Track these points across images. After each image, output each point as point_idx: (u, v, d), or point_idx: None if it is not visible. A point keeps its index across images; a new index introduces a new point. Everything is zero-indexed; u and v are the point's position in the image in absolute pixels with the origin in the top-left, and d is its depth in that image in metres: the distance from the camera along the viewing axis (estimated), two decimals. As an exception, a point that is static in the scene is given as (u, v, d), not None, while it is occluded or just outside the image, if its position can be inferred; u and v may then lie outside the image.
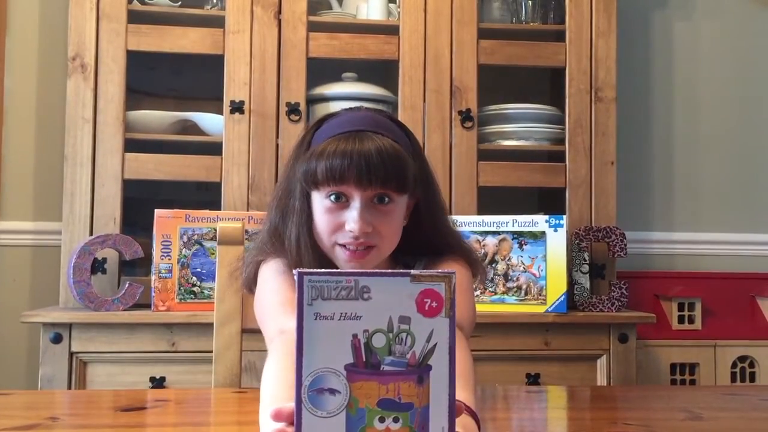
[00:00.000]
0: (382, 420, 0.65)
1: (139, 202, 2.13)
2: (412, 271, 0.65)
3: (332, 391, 0.64)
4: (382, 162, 1.04)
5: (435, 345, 0.65)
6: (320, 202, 1.09)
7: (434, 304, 0.65)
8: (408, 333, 0.65)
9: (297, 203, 1.11)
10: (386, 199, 1.07)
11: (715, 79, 2.63)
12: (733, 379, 2.35)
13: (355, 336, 0.65)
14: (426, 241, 1.16)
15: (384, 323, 0.65)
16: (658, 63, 2.61)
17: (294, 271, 0.65)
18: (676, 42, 2.62)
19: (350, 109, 1.18)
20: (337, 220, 1.07)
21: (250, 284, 1.21)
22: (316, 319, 0.64)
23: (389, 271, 0.66)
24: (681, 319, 2.37)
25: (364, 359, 0.65)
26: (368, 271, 0.66)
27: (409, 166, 1.09)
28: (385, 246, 1.10)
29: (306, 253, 1.10)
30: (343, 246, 1.08)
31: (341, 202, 1.07)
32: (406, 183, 1.08)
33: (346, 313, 0.64)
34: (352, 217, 1.06)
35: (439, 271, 0.66)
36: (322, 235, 1.10)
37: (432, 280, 0.65)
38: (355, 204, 1.06)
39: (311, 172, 1.07)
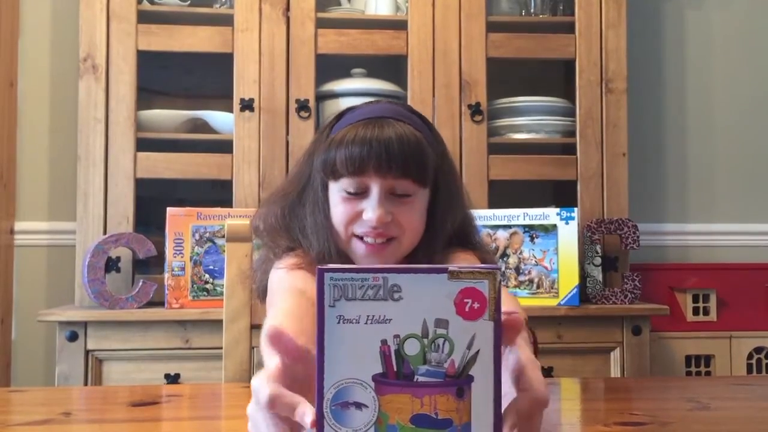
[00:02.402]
0: None
1: (153, 201, 2.15)
2: (450, 267, 0.57)
3: (358, 406, 0.57)
4: (402, 150, 1.00)
5: (477, 352, 0.56)
6: (338, 192, 1.04)
7: (476, 305, 0.56)
8: (446, 338, 0.57)
9: (315, 194, 1.08)
10: (406, 195, 1.03)
11: (727, 68, 2.61)
12: (749, 370, 2.33)
13: (384, 342, 0.57)
14: (443, 236, 1.09)
15: (418, 327, 0.57)
16: (670, 53, 2.59)
17: (317, 268, 0.58)
18: (688, 32, 2.60)
19: (370, 102, 1.14)
20: (355, 209, 1.03)
21: (263, 293, 1.14)
22: (339, 322, 0.57)
23: (423, 266, 0.58)
24: (696, 311, 2.35)
25: (395, 369, 0.57)
26: (399, 266, 0.58)
27: (429, 156, 1.04)
28: (405, 239, 1.04)
29: (323, 244, 1.05)
30: (361, 239, 1.04)
31: (360, 193, 1.03)
32: (426, 173, 1.04)
33: (373, 316, 0.57)
34: (370, 206, 1.01)
35: (483, 266, 0.57)
36: (338, 227, 1.05)
37: (474, 278, 0.56)
38: (374, 193, 1.02)
39: (330, 161, 1.03)
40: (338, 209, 1.04)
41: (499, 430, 0.57)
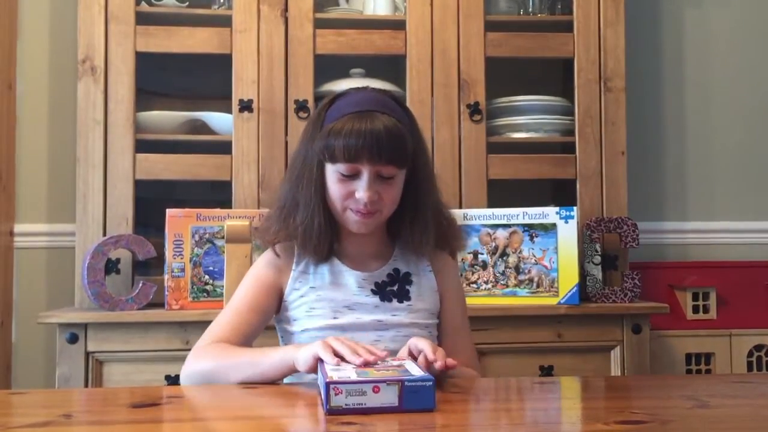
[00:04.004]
0: None
1: (153, 202, 2.15)
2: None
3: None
4: (389, 141, 1.24)
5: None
6: (334, 173, 1.28)
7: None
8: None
9: (313, 173, 1.29)
10: (390, 177, 1.28)
11: (726, 66, 2.61)
12: (750, 368, 2.33)
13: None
14: (415, 209, 1.34)
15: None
16: (668, 52, 2.59)
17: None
18: (686, 30, 2.60)
19: (357, 89, 1.35)
20: (349, 188, 1.27)
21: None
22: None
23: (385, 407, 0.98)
24: (695, 309, 2.35)
25: None
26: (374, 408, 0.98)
27: (409, 143, 1.29)
28: (386, 211, 1.31)
29: (317, 215, 1.29)
30: (352, 211, 1.29)
31: (353, 175, 1.27)
32: (406, 159, 1.29)
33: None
34: (362, 187, 1.26)
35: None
36: (334, 201, 1.29)
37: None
38: (365, 176, 1.26)
39: (330, 149, 1.25)
40: (335, 187, 1.28)
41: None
